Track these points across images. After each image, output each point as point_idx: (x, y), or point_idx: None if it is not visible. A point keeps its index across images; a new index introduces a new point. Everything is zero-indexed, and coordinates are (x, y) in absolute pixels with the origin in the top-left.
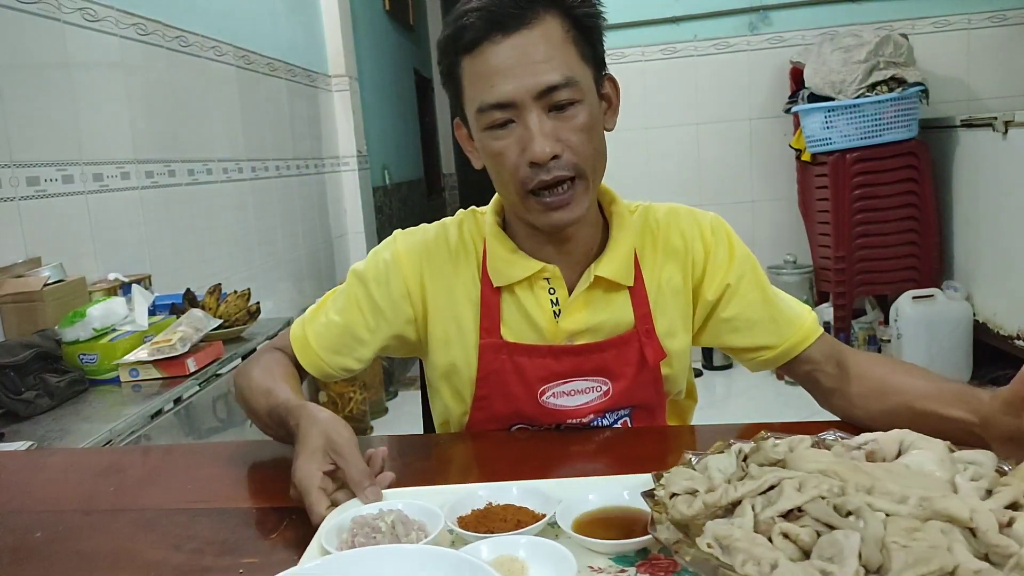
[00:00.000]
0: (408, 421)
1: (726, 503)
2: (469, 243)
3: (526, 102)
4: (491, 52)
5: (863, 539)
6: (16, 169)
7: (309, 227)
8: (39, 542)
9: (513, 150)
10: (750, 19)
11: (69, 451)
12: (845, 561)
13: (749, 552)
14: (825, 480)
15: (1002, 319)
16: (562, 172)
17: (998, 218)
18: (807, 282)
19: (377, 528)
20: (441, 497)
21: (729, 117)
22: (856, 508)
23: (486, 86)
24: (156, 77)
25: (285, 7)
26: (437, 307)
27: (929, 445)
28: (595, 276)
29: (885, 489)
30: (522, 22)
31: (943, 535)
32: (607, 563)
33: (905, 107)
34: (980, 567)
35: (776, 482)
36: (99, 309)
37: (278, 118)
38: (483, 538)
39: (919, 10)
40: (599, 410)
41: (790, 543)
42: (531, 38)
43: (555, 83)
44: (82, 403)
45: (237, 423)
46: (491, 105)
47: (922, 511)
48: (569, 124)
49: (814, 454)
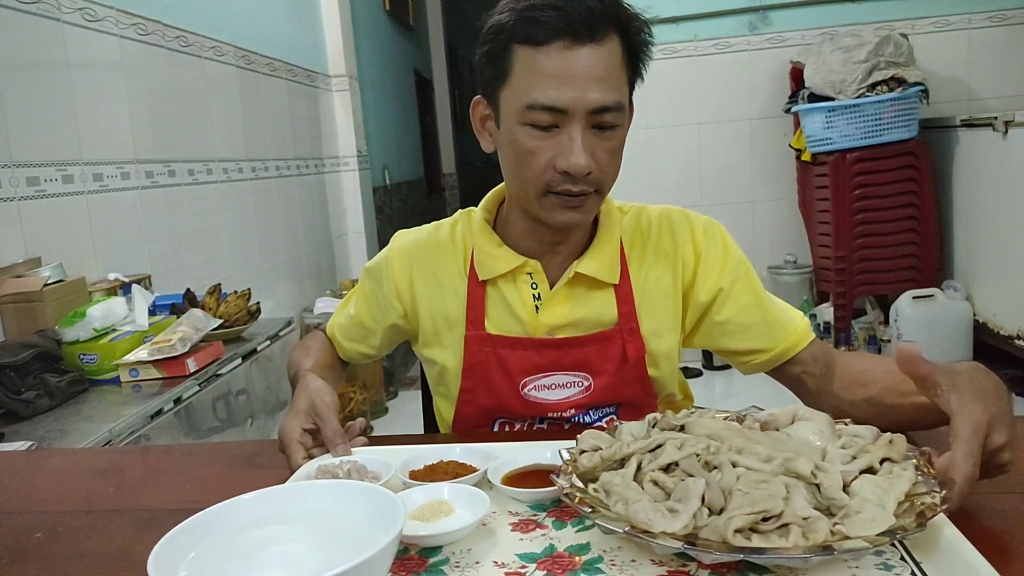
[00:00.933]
0: (408, 421)
1: (619, 457)
2: (459, 241)
3: (578, 114)
4: (559, 55)
5: (708, 485)
6: (16, 169)
7: (309, 227)
8: (39, 542)
9: (547, 153)
10: (750, 19)
11: (69, 451)
12: (689, 501)
13: (621, 495)
14: (703, 440)
15: (1002, 319)
16: (587, 187)
17: (998, 218)
18: (807, 282)
19: (335, 475)
20: (398, 455)
21: (729, 117)
22: (720, 463)
23: (544, 86)
24: (156, 77)
25: (285, 7)
26: (425, 302)
27: (814, 418)
28: (576, 272)
29: (753, 450)
30: (594, 36)
31: (786, 488)
32: (525, 509)
33: (905, 107)
34: (809, 514)
35: (663, 441)
36: (99, 309)
37: (278, 118)
38: (421, 485)
39: (919, 10)
40: (580, 405)
41: (659, 489)
42: (598, 54)
43: (608, 104)
44: (82, 403)
45: (237, 423)
46: (543, 106)
47: (778, 468)
48: (605, 144)
49: (708, 421)
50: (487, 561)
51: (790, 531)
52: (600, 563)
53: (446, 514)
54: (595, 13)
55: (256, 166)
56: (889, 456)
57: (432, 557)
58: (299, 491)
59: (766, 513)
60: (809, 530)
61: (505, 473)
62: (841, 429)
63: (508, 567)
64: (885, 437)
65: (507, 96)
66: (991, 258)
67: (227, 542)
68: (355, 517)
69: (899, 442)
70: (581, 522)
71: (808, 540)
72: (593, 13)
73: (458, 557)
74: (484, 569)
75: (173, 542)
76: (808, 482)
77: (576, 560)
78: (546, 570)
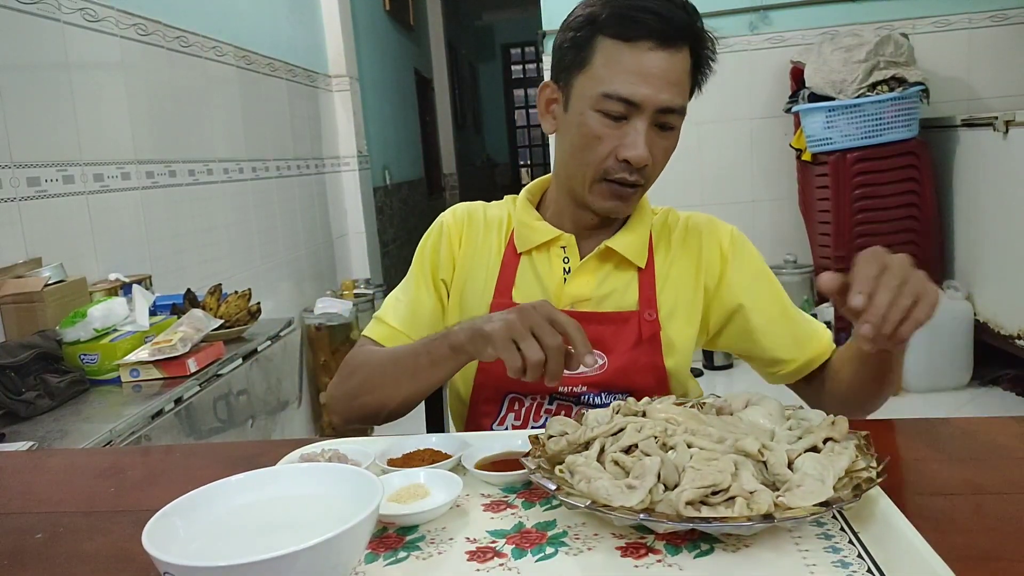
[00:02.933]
0: (409, 420)
1: (583, 441)
2: (505, 220)
3: (648, 110)
4: (646, 54)
5: (664, 463)
6: (16, 169)
7: (310, 227)
8: (39, 543)
9: (612, 140)
10: (750, 19)
11: (69, 452)
12: (646, 478)
13: (584, 474)
14: (660, 423)
15: (1003, 319)
16: (640, 179)
17: (998, 218)
18: (808, 282)
19: (316, 460)
20: (377, 445)
21: (729, 117)
22: (675, 443)
23: (625, 79)
24: (156, 77)
25: (285, 7)
26: (464, 269)
27: (764, 403)
28: (606, 247)
29: (706, 432)
30: (678, 42)
31: (735, 465)
32: (497, 492)
33: (906, 107)
34: (756, 488)
35: (624, 425)
36: (100, 309)
37: (278, 118)
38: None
39: (919, 9)
40: (593, 383)
41: (620, 468)
42: (677, 60)
43: (675, 107)
44: (83, 403)
45: (238, 423)
46: (620, 97)
47: (729, 448)
48: (663, 143)
49: (667, 407)
50: (460, 537)
51: (736, 503)
52: (565, 537)
53: (422, 497)
54: (683, 24)
55: (256, 166)
56: (832, 436)
57: (409, 535)
58: (285, 473)
59: (715, 487)
60: (754, 502)
61: (479, 460)
62: (790, 412)
63: (479, 542)
64: (828, 419)
65: (583, 82)
66: (991, 258)
67: (217, 521)
68: (337, 497)
69: (841, 423)
70: (549, 502)
71: (752, 511)
72: (683, 23)
73: (433, 535)
74: (457, 544)
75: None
76: (755, 460)
77: (543, 535)
78: (515, 544)
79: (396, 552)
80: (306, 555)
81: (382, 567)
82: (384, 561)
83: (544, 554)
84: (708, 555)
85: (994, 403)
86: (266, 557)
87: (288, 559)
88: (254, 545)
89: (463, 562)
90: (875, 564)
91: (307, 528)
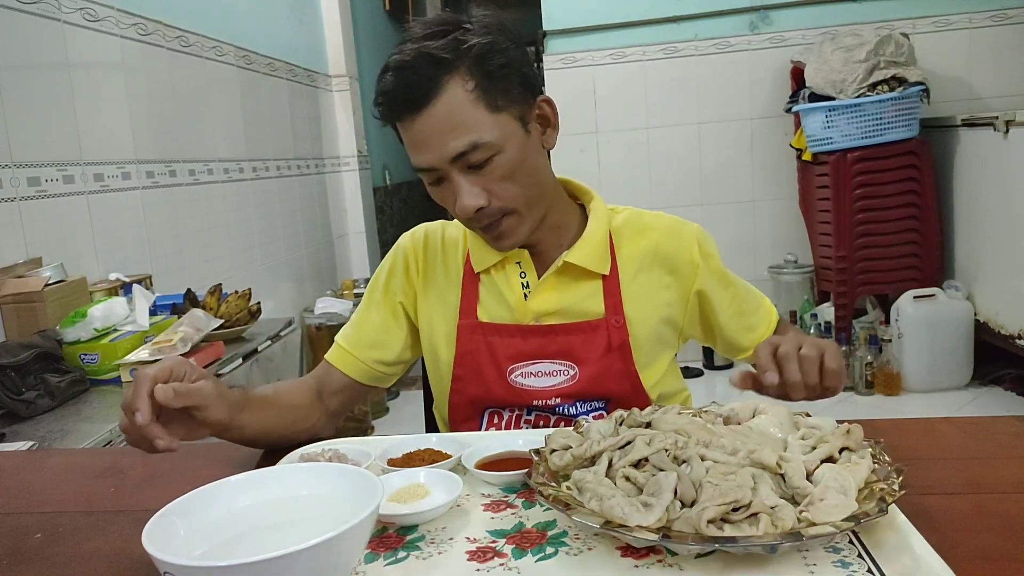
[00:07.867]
0: (409, 421)
1: (590, 455)
2: (460, 239)
3: (444, 167)
4: (404, 129)
5: (680, 478)
6: (17, 169)
7: (310, 227)
8: (39, 543)
9: (449, 200)
10: (751, 19)
11: (69, 451)
12: (662, 495)
13: (595, 491)
14: (671, 436)
15: (1003, 318)
16: (491, 217)
17: (999, 217)
18: (808, 282)
19: (316, 461)
20: (378, 445)
21: (730, 117)
22: (688, 457)
23: (414, 152)
24: (156, 77)
25: (285, 7)
26: (426, 295)
27: (774, 411)
28: (565, 262)
29: (719, 444)
30: (425, 100)
31: (752, 478)
32: (497, 492)
33: (906, 106)
34: (777, 503)
35: (632, 438)
36: (100, 309)
37: (279, 118)
38: (399, 471)
39: (920, 9)
40: (566, 394)
41: (632, 484)
42: (436, 112)
43: (462, 150)
44: (83, 403)
45: None
46: (421, 168)
47: (744, 460)
48: (489, 177)
49: (673, 417)
50: (460, 537)
51: (759, 520)
52: (565, 537)
53: (422, 496)
54: (416, 83)
55: (257, 166)
56: (847, 445)
57: (409, 535)
58: (285, 473)
59: (736, 503)
60: (777, 518)
61: (479, 460)
62: (799, 420)
63: (480, 542)
64: (843, 427)
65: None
66: (992, 257)
67: (217, 521)
68: (338, 497)
69: (856, 431)
70: None
71: (777, 528)
72: (414, 83)
73: (433, 535)
74: (457, 544)
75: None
76: (773, 472)
77: (543, 535)
78: (515, 544)
79: (396, 552)
80: (306, 555)
81: (382, 567)
82: (384, 561)
83: (544, 554)
84: (708, 555)
85: (995, 403)
86: (266, 557)
87: (288, 559)
88: (254, 545)
89: (463, 562)
90: (875, 564)
91: (307, 528)
